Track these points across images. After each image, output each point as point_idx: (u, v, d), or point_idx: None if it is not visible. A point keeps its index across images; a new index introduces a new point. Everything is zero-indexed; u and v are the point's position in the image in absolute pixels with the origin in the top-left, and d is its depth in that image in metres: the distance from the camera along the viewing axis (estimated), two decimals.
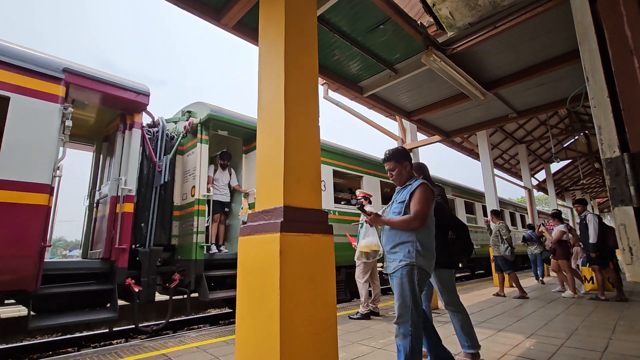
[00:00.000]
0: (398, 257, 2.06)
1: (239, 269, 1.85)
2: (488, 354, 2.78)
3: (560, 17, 3.31)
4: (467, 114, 5.55)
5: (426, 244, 2.09)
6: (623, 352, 2.70)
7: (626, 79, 0.94)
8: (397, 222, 2.09)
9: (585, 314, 4.33)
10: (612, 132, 0.95)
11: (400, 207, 2.15)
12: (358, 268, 4.54)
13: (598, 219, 5.40)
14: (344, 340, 3.29)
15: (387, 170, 2.28)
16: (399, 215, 2.13)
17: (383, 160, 2.29)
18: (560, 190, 17.68)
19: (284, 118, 1.81)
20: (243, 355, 1.72)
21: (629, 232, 0.90)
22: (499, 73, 4.38)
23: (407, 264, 2.02)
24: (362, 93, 4.53)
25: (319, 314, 1.72)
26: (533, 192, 11.12)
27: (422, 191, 2.11)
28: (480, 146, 8.40)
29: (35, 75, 3.47)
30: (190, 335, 3.72)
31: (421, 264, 2.03)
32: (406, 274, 2.01)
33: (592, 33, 1.04)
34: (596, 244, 5.30)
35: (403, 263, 2.03)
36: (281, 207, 1.70)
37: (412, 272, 2.01)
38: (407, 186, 2.21)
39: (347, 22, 3.30)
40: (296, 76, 1.93)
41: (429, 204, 2.09)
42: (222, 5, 3.00)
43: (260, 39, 2.14)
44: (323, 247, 1.82)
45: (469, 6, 2.87)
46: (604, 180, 0.95)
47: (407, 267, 2.02)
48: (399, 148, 2.33)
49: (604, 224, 5.52)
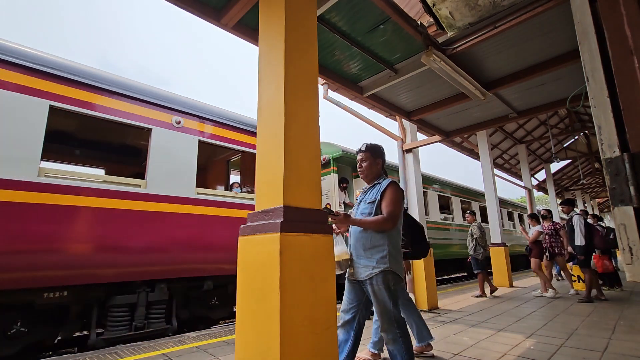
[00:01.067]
0: (371, 263, 1.95)
1: (239, 269, 1.85)
2: (488, 354, 2.78)
3: (560, 17, 3.31)
4: (467, 114, 5.54)
5: (397, 247, 2.03)
6: (623, 352, 2.70)
7: (626, 79, 0.94)
8: (369, 223, 1.97)
9: (585, 314, 4.33)
10: (612, 132, 0.95)
11: (370, 207, 2.06)
12: None
13: (584, 220, 5.38)
14: None
15: (359, 160, 2.20)
16: (370, 217, 2.04)
17: (359, 150, 2.20)
18: (560, 190, 17.68)
19: (284, 118, 1.80)
20: (243, 355, 1.72)
21: (629, 232, 0.90)
22: (499, 73, 4.38)
23: (381, 270, 1.93)
24: (362, 93, 4.52)
25: (319, 314, 1.72)
26: (533, 192, 11.12)
27: (393, 191, 2.02)
28: (480, 146, 8.40)
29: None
30: (190, 335, 3.72)
31: (395, 268, 1.96)
32: (382, 281, 1.92)
33: (592, 33, 1.04)
34: (583, 246, 5.27)
35: (377, 270, 1.93)
36: (281, 207, 1.70)
37: (387, 278, 1.93)
38: (376, 185, 2.13)
39: (347, 22, 3.29)
40: (296, 76, 1.93)
41: (400, 204, 2.02)
42: (222, 5, 3.00)
43: (260, 39, 2.14)
44: (323, 247, 1.82)
45: (469, 6, 2.87)
46: (604, 180, 0.96)
47: (381, 274, 1.93)
48: (378, 145, 2.25)
49: (590, 224, 5.51)
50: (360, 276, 1.99)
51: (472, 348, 2.94)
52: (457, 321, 4.11)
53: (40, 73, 3.45)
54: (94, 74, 3.88)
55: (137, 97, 4.12)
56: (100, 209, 3.55)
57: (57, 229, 3.27)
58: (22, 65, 3.35)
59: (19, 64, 3.33)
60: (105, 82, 3.91)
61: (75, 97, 3.63)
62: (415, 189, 5.41)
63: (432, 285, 5.15)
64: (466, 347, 2.98)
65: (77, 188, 3.46)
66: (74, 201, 3.42)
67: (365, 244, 2.01)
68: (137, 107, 4.10)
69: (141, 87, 4.27)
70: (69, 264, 3.32)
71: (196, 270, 4.28)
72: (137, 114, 4.08)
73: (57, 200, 3.31)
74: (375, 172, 2.19)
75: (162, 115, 4.29)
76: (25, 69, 3.37)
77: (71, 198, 3.40)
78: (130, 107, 4.04)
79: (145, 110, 4.16)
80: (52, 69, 3.53)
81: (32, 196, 3.18)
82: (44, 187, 3.26)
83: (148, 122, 4.13)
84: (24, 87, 3.32)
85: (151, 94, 4.29)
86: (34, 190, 3.19)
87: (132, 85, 4.17)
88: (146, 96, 4.21)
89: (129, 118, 3.98)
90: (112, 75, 4.08)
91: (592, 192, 21.07)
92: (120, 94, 3.97)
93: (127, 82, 4.17)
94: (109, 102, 3.87)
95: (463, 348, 2.95)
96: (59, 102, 3.49)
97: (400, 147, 5.62)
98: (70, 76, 3.64)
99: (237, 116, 5.19)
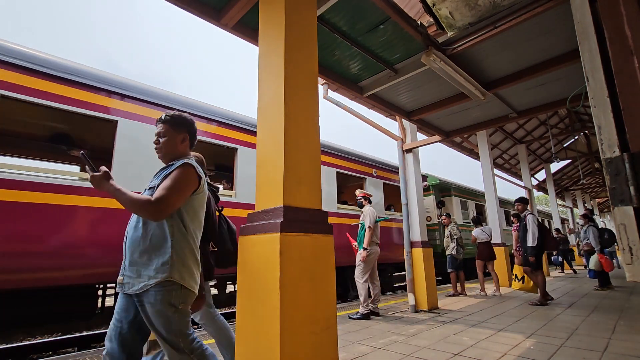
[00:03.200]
0: (147, 272, 1.42)
1: (239, 269, 1.85)
2: (488, 354, 2.78)
3: (560, 17, 3.31)
4: (467, 114, 5.54)
5: (188, 252, 1.51)
6: (623, 352, 2.70)
7: (626, 79, 0.94)
8: (128, 199, 1.39)
9: (585, 314, 4.33)
10: (612, 132, 0.95)
11: (149, 193, 1.50)
12: (358, 268, 4.54)
13: (537, 221, 5.37)
14: (344, 340, 3.29)
15: (156, 134, 1.65)
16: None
17: (158, 120, 1.67)
18: (560, 190, 17.67)
19: (284, 118, 1.80)
20: (243, 355, 1.72)
21: (629, 232, 0.90)
22: (499, 73, 4.37)
23: (159, 281, 1.40)
24: (362, 93, 4.52)
25: (319, 314, 1.72)
26: (533, 192, 11.12)
27: (180, 172, 1.50)
28: (480, 146, 8.40)
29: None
30: None
31: (182, 279, 1.45)
32: (161, 296, 1.40)
33: (592, 33, 1.04)
34: (535, 247, 5.21)
35: (154, 281, 1.40)
36: (281, 207, 1.70)
37: (168, 293, 1.41)
38: (170, 167, 1.58)
39: (347, 22, 3.29)
40: (296, 76, 1.93)
41: (184, 192, 1.49)
42: (222, 5, 3.00)
43: (260, 39, 2.14)
44: (323, 247, 1.82)
45: (469, 6, 2.87)
46: (604, 180, 0.96)
47: (160, 286, 1.40)
48: (184, 116, 1.71)
49: (544, 226, 5.50)
50: (130, 289, 1.44)
51: (472, 348, 2.94)
52: (457, 321, 4.11)
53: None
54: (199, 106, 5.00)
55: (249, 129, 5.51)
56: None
57: None
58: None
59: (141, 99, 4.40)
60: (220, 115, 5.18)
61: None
62: (415, 188, 5.41)
63: (432, 285, 5.15)
64: (466, 347, 2.98)
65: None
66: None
67: (141, 243, 1.46)
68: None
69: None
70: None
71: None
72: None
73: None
74: (176, 151, 1.65)
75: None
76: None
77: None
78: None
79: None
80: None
81: None
82: None
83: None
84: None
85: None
86: None
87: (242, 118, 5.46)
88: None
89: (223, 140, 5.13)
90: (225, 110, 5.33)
91: (592, 192, 21.06)
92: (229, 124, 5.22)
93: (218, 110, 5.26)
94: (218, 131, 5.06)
95: (463, 348, 2.95)
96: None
97: (400, 147, 5.62)
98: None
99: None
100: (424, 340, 3.26)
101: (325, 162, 6.52)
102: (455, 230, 6.73)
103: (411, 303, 4.93)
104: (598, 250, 6.55)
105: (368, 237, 4.50)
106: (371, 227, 4.53)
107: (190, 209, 1.56)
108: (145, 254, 1.45)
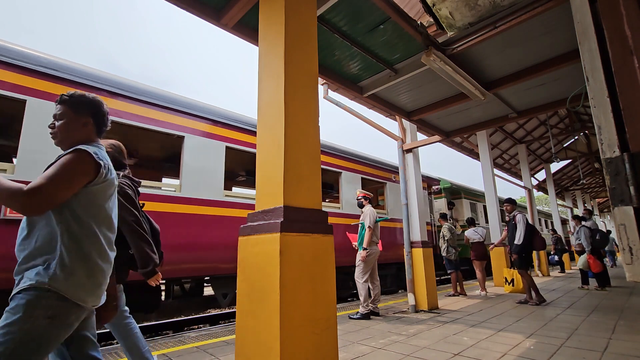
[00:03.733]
0: (29, 274, 1.15)
1: (239, 269, 1.85)
2: (488, 354, 2.78)
3: (560, 17, 3.31)
4: (467, 114, 5.54)
5: (85, 255, 1.22)
6: (623, 352, 2.70)
7: (626, 79, 0.94)
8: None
9: (585, 314, 4.33)
10: (612, 132, 0.95)
11: None
12: (358, 268, 4.54)
13: (526, 220, 5.40)
14: (344, 340, 3.29)
15: (53, 116, 1.40)
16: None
17: (56, 101, 1.40)
18: (560, 190, 17.66)
19: (284, 118, 1.80)
20: (243, 355, 1.72)
21: (629, 232, 0.90)
22: (499, 73, 4.37)
23: (32, 286, 1.13)
24: (362, 93, 4.52)
25: (319, 314, 1.72)
26: (533, 192, 11.11)
27: (68, 159, 1.22)
28: (480, 146, 8.40)
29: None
30: (190, 335, 3.72)
31: (65, 288, 1.16)
32: (25, 303, 1.11)
33: (592, 33, 1.04)
34: (520, 245, 5.24)
35: (25, 285, 1.13)
36: (281, 207, 1.70)
37: (37, 302, 1.11)
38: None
39: (347, 22, 3.29)
40: (296, 76, 1.93)
41: (70, 182, 1.20)
42: (222, 5, 3.00)
43: (260, 39, 2.14)
44: (323, 247, 1.82)
45: (469, 6, 2.86)
46: (604, 180, 0.96)
47: (32, 293, 1.12)
48: (88, 96, 1.44)
49: (532, 225, 5.54)
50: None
51: (472, 348, 2.94)
52: (457, 321, 4.11)
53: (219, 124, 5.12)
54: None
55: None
56: None
57: None
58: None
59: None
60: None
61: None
62: (415, 188, 5.41)
63: (432, 285, 5.15)
64: (466, 347, 2.98)
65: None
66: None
67: (26, 246, 1.21)
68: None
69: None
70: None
71: None
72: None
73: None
74: (75, 135, 1.38)
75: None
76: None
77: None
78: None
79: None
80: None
81: None
82: None
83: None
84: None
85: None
86: None
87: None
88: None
89: None
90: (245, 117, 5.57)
91: (592, 192, 21.06)
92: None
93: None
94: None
95: (463, 348, 2.95)
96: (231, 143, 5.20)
97: (400, 147, 5.62)
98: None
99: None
100: (424, 340, 3.26)
101: (351, 168, 7.20)
102: (446, 231, 6.69)
103: (411, 303, 4.93)
104: (588, 250, 6.66)
105: (368, 237, 4.50)
106: (371, 227, 4.54)
107: (88, 203, 1.28)
108: (31, 259, 1.18)
